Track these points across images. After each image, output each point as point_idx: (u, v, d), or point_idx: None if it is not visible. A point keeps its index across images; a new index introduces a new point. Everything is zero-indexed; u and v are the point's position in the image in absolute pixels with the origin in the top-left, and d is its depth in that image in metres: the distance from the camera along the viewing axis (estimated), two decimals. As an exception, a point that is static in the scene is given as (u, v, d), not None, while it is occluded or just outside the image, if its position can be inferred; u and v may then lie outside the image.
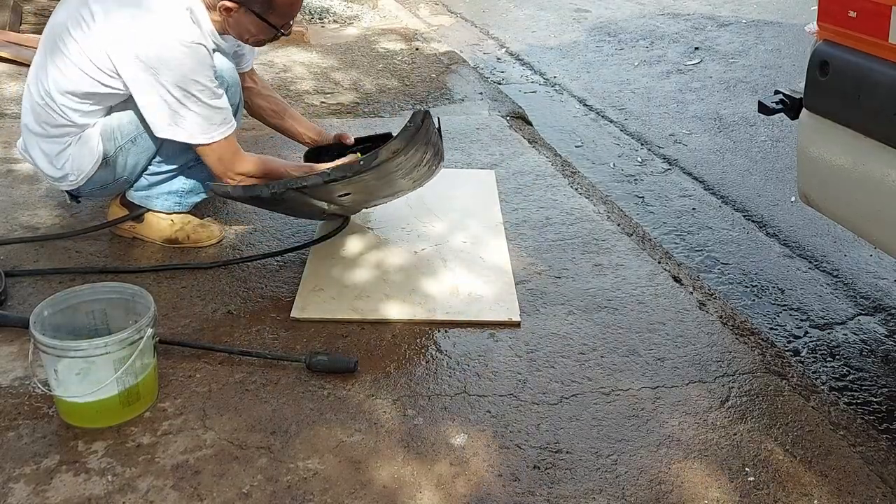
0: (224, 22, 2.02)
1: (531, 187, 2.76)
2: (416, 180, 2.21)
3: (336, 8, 5.39)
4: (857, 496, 1.53)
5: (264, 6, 1.99)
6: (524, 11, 6.19)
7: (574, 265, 2.28)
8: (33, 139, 2.12)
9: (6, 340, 1.86)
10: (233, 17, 2.00)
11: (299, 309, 2.01)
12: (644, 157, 3.56)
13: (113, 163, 2.12)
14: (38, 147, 2.11)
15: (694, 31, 5.49)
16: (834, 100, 1.75)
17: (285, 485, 1.49)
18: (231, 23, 2.02)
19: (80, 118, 2.05)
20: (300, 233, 2.40)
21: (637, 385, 1.80)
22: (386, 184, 2.13)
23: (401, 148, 1.87)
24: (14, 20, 4.11)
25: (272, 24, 2.03)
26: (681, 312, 2.08)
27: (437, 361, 1.85)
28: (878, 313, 2.41)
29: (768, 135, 3.74)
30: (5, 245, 2.26)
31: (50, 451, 1.55)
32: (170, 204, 2.25)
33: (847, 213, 1.84)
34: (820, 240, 2.82)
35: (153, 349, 1.65)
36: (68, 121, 2.05)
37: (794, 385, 1.84)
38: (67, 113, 2.03)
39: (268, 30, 2.05)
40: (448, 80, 4.00)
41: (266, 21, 2.02)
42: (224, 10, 1.98)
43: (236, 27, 2.04)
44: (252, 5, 1.98)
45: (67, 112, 2.03)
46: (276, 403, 1.70)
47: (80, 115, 2.05)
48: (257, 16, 2.00)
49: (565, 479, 1.53)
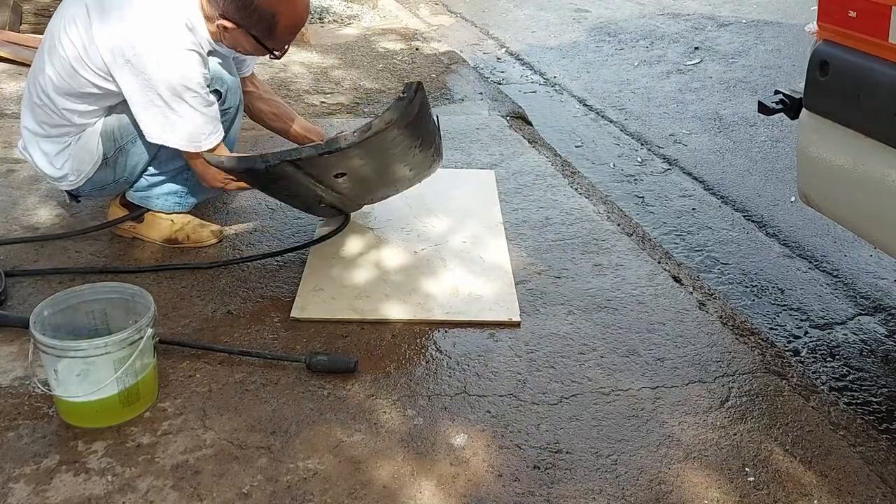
0: (220, 34, 2.02)
1: (531, 187, 2.76)
2: (413, 168, 2.18)
3: (336, 7, 5.39)
4: (856, 496, 1.53)
5: (264, 33, 1.99)
6: (524, 11, 6.20)
7: (574, 265, 2.28)
8: (33, 139, 2.12)
9: (6, 340, 1.86)
10: (230, 33, 1.99)
11: (299, 309, 2.01)
12: (644, 157, 3.56)
13: (113, 163, 2.12)
14: (38, 147, 2.12)
15: (694, 31, 5.49)
16: (834, 100, 1.75)
17: (285, 485, 1.49)
18: (227, 37, 2.02)
19: (78, 118, 2.05)
20: (300, 233, 2.40)
21: (637, 385, 1.80)
22: (383, 168, 2.10)
23: (395, 118, 1.84)
24: (14, 20, 4.11)
25: (268, 48, 2.03)
26: (681, 312, 2.08)
27: (437, 361, 1.85)
28: (878, 313, 2.41)
29: (768, 135, 3.74)
30: (5, 245, 2.26)
31: (50, 451, 1.55)
32: (170, 204, 2.25)
33: (847, 213, 1.84)
34: (820, 240, 2.82)
35: (153, 349, 1.65)
36: (67, 121, 2.05)
37: (793, 385, 1.84)
38: (66, 114, 2.03)
39: (262, 51, 2.05)
40: (448, 79, 4.00)
41: (263, 45, 2.02)
42: (222, 27, 1.98)
43: (231, 41, 2.04)
44: (252, 29, 1.98)
45: (66, 113, 2.03)
46: (276, 403, 1.70)
47: (78, 115, 2.05)
48: (255, 39, 2.00)
49: (565, 479, 1.53)
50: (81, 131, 2.08)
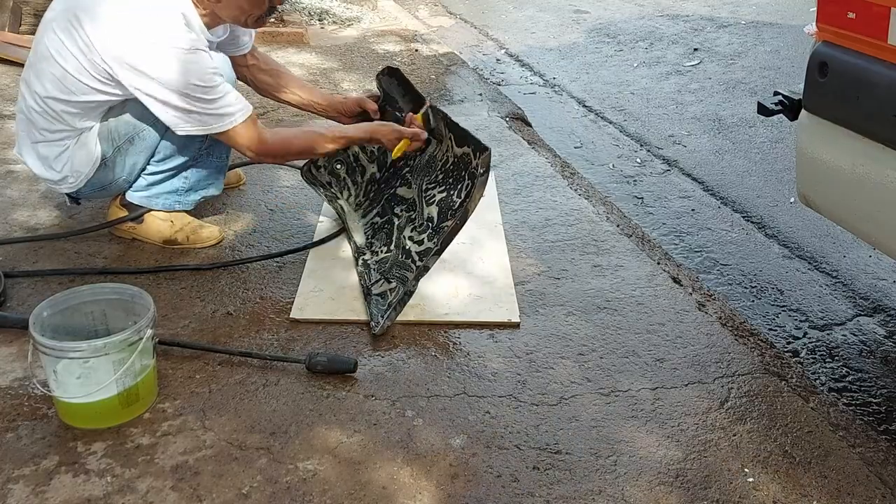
0: (213, 12, 1.99)
1: (530, 188, 2.76)
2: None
3: (335, 9, 5.40)
4: (856, 497, 1.53)
5: None
6: (523, 13, 6.20)
7: (573, 266, 2.28)
8: (30, 145, 2.11)
9: (6, 341, 1.86)
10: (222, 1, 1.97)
11: (298, 309, 2.01)
12: (643, 158, 3.56)
13: (112, 163, 2.12)
14: (36, 152, 2.11)
15: (693, 33, 5.49)
16: (833, 101, 1.75)
17: (285, 485, 1.49)
18: (221, 7, 1.99)
19: (79, 122, 2.05)
20: (299, 234, 2.40)
21: (636, 386, 1.80)
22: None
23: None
24: (13, 21, 4.11)
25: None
26: (680, 313, 2.08)
27: (436, 362, 1.85)
28: (878, 314, 2.41)
29: (767, 136, 3.75)
30: (5, 245, 2.26)
31: (49, 451, 1.55)
32: (170, 203, 2.24)
33: (846, 214, 1.84)
34: (819, 241, 2.82)
35: (153, 350, 1.65)
36: (68, 126, 2.04)
37: (793, 386, 1.84)
38: (64, 117, 2.03)
39: (259, 1, 2.02)
40: (447, 81, 4.00)
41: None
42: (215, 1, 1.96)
43: (228, 10, 2.01)
44: None
45: (64, 116, 2.02)
46: (275, 404, 1.70)
47: (79, 119, 2.04)
48: None
49: (565, 479, 1.53)
50: (80, 134, 2.08)
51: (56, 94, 1.99)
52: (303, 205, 2.56)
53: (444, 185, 2.09)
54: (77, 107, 2.01)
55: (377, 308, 1.97)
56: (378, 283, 2.05)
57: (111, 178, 2.16)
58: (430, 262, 1.95)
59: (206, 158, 2.21)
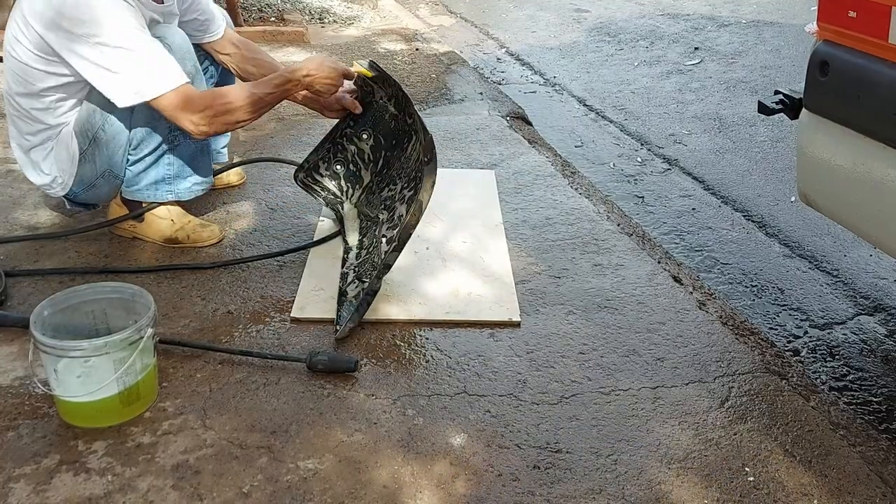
0: None
1: (531, 187, 2.76)
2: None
3: (336, 8, 5.40)
4: (856, 496, 1.53)
5: None
6: (524, 12, 6.20)
7: (574, 265, 2.28)
8: (22, 153, 2.15)
9: (6, 340, 1.86)
10: None
11: (299, 309, 2.01)
12: (644, 157, 3.56)
13: (91, 156, 2.10)
14: (29, 158, 2.15)
15: (694, 32, 5.49)
16: (834, 100, 1.75)
17: (285, 484, 1.49)
18: None
19: (52, 118, 2.05)
20: (300, 233, 2.40)
21: (637, 385, 1.80)
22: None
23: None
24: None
25: None
26: (680, 312, 2.08)
27: (437, 361, 1.85)
28: (878, 313, 2.41)
29: (768, 135, 3.74)
30: (5, 244, 2.26)
31: (50, 450, 1.55)
32: (162, 193, 2.22)
33: (847, 212, 1.84)
34: (820, 240, 2.82)
35: (153, 349, 1.65)
36: (43, 124, 2.05)
37: (793, 385, 1.84)
38: (37, 115, 2.03)
39: None
40: (448, 80, 4.00)
41: None
42: None
43: None
44: None
45: (36, 114, 2.03)
46: (276, 403, 1.70)
47: (51, 115, 2.04)
48: None
49: (565, 478, 1.53)
50: (59, 132, 2.08)
51: (19, 90, 2.00)
52: (303, 204, 2.56)
53: (414, 181, 2.09)
54: (39, 100, 2.01)
55: (347, 310, 1.96)
56: (352, 284, 2.04)
57: (95, 173, 2.13)
58: (391, 259, 1.93)
59: (183, 140, 2.16)
